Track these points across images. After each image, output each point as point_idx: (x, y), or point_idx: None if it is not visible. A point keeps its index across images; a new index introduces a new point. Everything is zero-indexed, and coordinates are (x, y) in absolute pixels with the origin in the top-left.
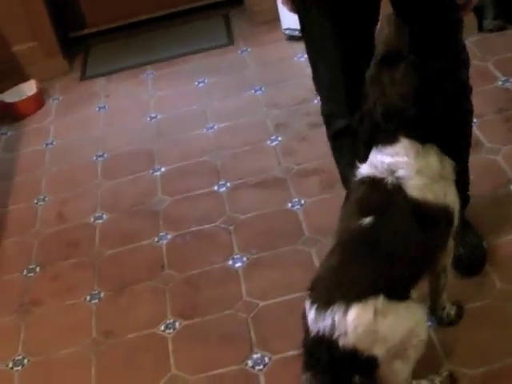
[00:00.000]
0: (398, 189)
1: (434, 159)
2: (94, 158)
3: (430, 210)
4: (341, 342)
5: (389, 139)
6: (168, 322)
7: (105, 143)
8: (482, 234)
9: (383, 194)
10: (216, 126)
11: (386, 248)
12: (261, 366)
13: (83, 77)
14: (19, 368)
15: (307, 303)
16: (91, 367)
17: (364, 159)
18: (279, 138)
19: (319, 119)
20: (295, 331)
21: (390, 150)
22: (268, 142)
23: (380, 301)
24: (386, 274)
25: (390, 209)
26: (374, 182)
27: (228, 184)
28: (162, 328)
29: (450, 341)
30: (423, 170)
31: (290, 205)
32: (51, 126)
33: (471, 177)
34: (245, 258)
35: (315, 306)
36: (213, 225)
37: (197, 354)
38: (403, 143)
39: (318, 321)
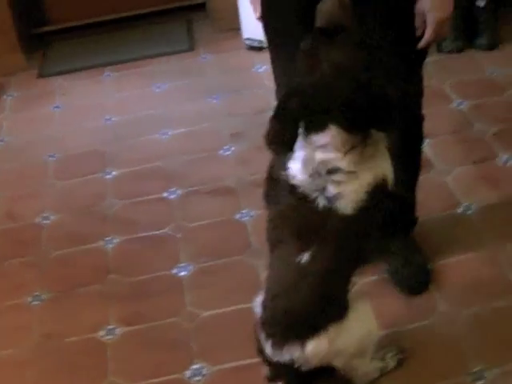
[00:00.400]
0: (330, 211)
1: (367, 149)
2: (47, 157)
3: (360, 218)
4: (303, 368)
5: (319, 126)
6: (109, 327)
7: (58, 143)
8: (427, 255)
9: (317, 219)
10: (171, 132)
11: (328, 278)
12: (199, 377)
13: (41, 74)
14: None
15: (261, 335)
16: (30, 369)
17: (289, 145)
18: (233, 148)
19: None
20: (236, 343)
21: (320, 139)
22: (222, 150)
23: (331, 330)
24: (331, 302)
25: (325, 237)
26: (306, 201)
27: (179, 191)
28: (103, 333)
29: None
30: (356, 164)
31: (239, 215)
32: (4, 123)
33: (420, 196)
34: (191, 267)
35: (270, 341)
36: (161, 231)
37: (136, 362)
38: (333, 131)
39: (276, 355)
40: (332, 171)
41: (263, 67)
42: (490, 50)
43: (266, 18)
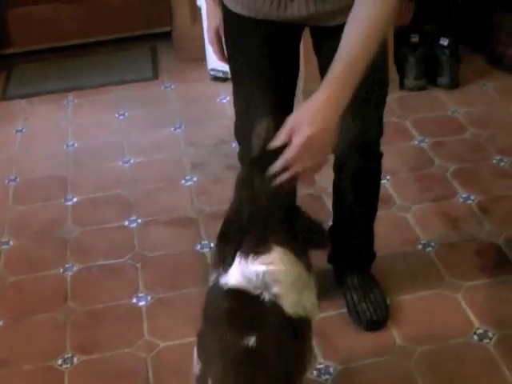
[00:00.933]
0: (274, 306)
1: (302, 268)
2: (6, 181)
3: (301, 323)
4: None
5: (261, 246)
6: (66, 356)
7: (19, 167)
8: (385, 290)
9: (261, 311)
10: (132, 160)
11: (279, 369)
12: None
13: (3, 97)
14: None
15: None
16: None
17: (230, 264)
18: (194, 178)
19: (236, 162)
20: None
21: (263, 258)
22: (183, 180)
23: None
24: None
25: (268, 329)
26: (248, 297)
27: (139, 220)
28: (60, 362)
29: None
30: (295, 283)
31: (199, 246)
32: None
33: (380, 232)
34: (149, 297)
35: None
36: (120, 260)
37: None
38: (277, 252)
39: None
40: (271, 287)
41: (227, 98)
42: (451, 88)
43: (231, 52)
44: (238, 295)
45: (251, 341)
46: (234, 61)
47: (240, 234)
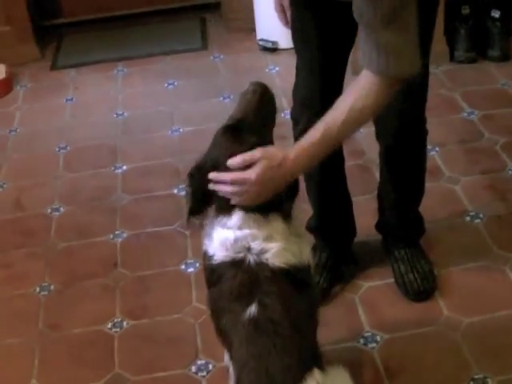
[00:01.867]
0: (261, 264)
1: (277, 223)
2: (57, 149)
3: (296, 272)
4: None
5: (224, 210)
6: (116, 320)
7: (69, 135)
8: (433, 262)
9: (251, 275)
10: (182, 130)
11: (286, 325)
12: (204, 373)
13: (54, 66)
14: None
15: None
16: (34, 359)
17: (194, 213)
18: None
19: (285, 131)
20: None
21: (228, 222)
22: None
23: (316, 374)
24: (302, 347)
25: (264, 288)
26: (235, 265)
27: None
28: (110, 326)
29: (394, 365)
30: (273, 235)
31: None
32: (17, 113)
33: (429, 204)
34: (198, 264)
35: None
36: (169, 227)
37: (142, 355)
38: (239, 215)
39: None
40: (250, 247)
41: (276, 68)
42: (501, 61)
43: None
44: (225, 267)
45: (253, 309)
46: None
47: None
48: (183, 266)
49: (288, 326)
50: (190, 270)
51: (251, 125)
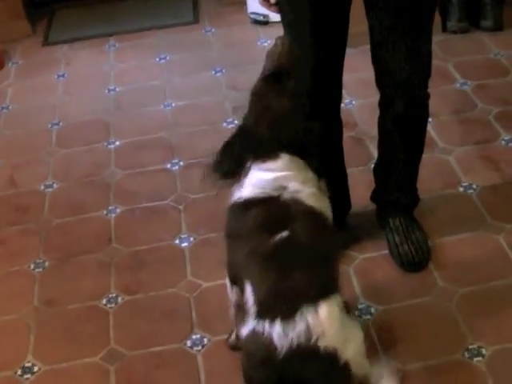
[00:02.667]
0: (296, 201)
1: (311, 174)
2: (50, 125)
3: (324, 219)
4: (321, 345)
5: (270, 155)
6: (111, 295)
7: (61, 111)
8: (427, 233)
9: (285, 209)
10: (174, 104)
11: (312, 253)
12: (199, 347)
13: (45, 42)
14: None
15: (261, 323)
16: (30, 335)
17: (231, 174)
18: (236, 121)
19: None
20: None
21: (271, 165)
22: (224, 123)
23: (338, 297)
24: (326, 276)
25: (297, 219)
26: (270, 201)
27: (181, 162)
28: (104, 301)
29: (389, 336)
30: (307, 183)
31: None
32: (8, 90)
33: (422, 174)
34: (192, 238)
35: (278, 319)
36: (163, 202)
37: (137, 330)
38: (285, 158)
39: (287, 332)
40: (287, 186)
41: (267, 41)
42: (494, 31)
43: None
44: (257, 203)
45: (283, 235)
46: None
47: (251, 145)
48: (177, 241)
49: (315, 254)
50: (185, 244)
51: (287, 71)
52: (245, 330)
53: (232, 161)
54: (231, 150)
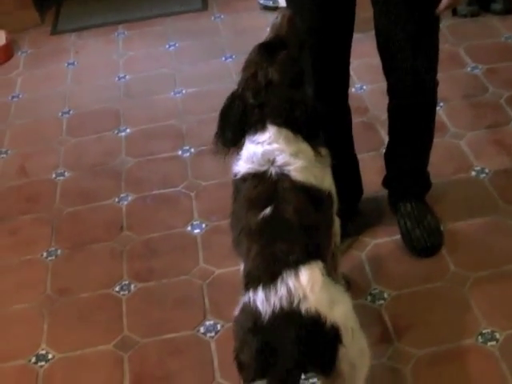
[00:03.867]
0: (282, 176)
1: (304, 145)
2: (60, 114)
3: (314, 192)
4: (303, 308)
5: (258, 127)
6: (123, 283)
7: (71, 100)
8: (439, 217)
9: (271, 185)
10: (184, 91)
11: (296, 224)
12: (212, 333)
13: (54, 31)
14: None
15: (248, 294)
16: (43, 323)
17: (232, 143)
18: None
19: None
20: None
21: (260, 137)
22: None
23: (320, 262)
24: (308, 244)
25: (282, 195)
26: (257, 176)
27: (192, 149)
28: (117, 289)
29: (401, 321)
30: (298, 155)
31: None
32: (18, 79)
33: (434, 159)
34: (204, 225)
35: (260, 286)
36: (174, 189)
37: (150, 317)
38: (272, 130)
39: (269, 297)
40: (275, 160)
41: None
42: (504, 14)
43: None
44: (248, 178)
45: (267, 211)
46: None
47: (242, 114)
48: (189, 228)
49: (298, 226)
50: (197, 231)
51: (282, 42)
52: (237, 309)
53: (229, 131)
54: (227, 119)
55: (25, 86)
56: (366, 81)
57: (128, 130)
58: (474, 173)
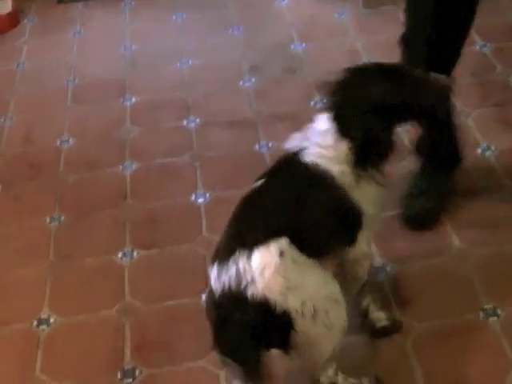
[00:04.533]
0: (294, 155)
1: (346, 167)
2: (66, 82)
3: (318, 173)
4: (249, 292)
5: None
6: (126, 250)
7: (77, 69)
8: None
9: (281, 162)
10: (191, 62)
11: (276, 202)
12: None
13: (61, 0)
14: None
15: (210, 268)
16: (46, 288)
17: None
18: (253, 80)
19: (295, 64)
20: None
21: (321, 128)
22: (241, 82)
23: (284, 242)
24: (287, 221)
25: (282, 171)
26: (285, 155)
27: (197, 120)
28: (120, 256)
29: (404, 295)
30: (333, 160)
31: (257, 146)
32: (24, 47)
33: None
34: (208, 195)
35: (216, 262)
36: (179, 159)
37: (152, 285)
38: (335, 135)
39: (220, 275)
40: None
41: (285, 0)
42: None
43: None
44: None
45: (258, 183)
46: None
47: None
48: (193, 197)
49: (277, 203)
50: (200, 200)
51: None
52: None
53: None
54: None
55: (30, 54)
56: (374, 55)
57: (133, 100)
58: (479, 150)
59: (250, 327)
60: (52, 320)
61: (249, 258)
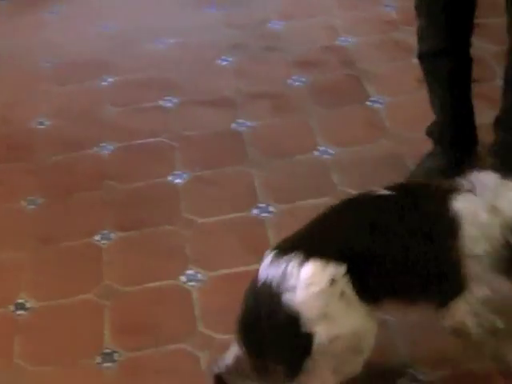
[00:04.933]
0: (443, 191)
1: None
2: (43, 63)
3: (446, 222)
4: (285, 297)
5: None
6: (104, 232)
7: (54, 49)
8: None
9: (422, 186)
10: (169, 41)
11: (375, 224)
12: (194, 283)
13: None
14: None
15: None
16: (24, 273)
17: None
18: (232, 59)
19: (276, 43)
20: (230, 250)
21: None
22: (220, 61)
23: (341, 270)
24: (360, 250)
25: (411, 197)
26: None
27: (176, 100)
28: (98, 238)
29: None
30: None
31: (236, 125)
32: None
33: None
34: (186, 175)
35: (275, 251)
36: (157, 139)
37: (131, 267)
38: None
39: (270, 266)
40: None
41: None
42: None
43: None
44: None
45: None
46: None
47: None
48: (171, 177)
49: (365, 223)
50: (178, 180)
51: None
52: None
53: None
54: None
55: (6, 34)
56: (354, 33)
57: (111, 80)
58: None
59: (271, 328)
60: (30, 304)
61: (301, 264)
